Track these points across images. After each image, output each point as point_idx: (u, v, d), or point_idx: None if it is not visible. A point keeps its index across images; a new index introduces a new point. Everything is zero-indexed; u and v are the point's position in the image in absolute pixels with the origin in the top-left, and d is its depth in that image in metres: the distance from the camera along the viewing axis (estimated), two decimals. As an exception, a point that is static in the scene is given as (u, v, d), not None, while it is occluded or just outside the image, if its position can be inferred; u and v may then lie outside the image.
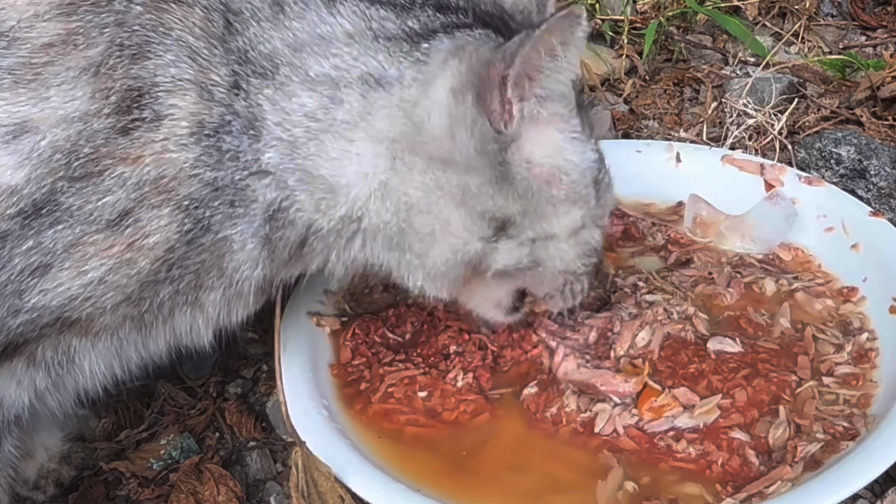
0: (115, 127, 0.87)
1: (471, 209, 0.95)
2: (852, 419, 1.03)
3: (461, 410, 1.08)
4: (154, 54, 0.88)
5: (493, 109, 0.91)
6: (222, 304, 0.99)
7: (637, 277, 1.19)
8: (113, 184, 0.88)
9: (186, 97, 0.89)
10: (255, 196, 0.93)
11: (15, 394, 0.95)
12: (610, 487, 1.00)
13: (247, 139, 0.92)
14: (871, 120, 1.49)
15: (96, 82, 0.86)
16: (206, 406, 1.21)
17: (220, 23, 0.91)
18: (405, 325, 1.19)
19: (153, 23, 0.88)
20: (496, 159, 0.93)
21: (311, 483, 1.02)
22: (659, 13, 1.75)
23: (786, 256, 1.26)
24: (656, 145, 1.41)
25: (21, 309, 0.89)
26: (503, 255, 0.98)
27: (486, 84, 0.91)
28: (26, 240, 0.87)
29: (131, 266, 0.90)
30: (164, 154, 0.88)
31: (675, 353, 1.09)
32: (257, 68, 0.91)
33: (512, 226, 0.96)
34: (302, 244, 0.98)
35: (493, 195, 0.94)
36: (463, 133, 0.92)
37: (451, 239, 0.96)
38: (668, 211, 1.34)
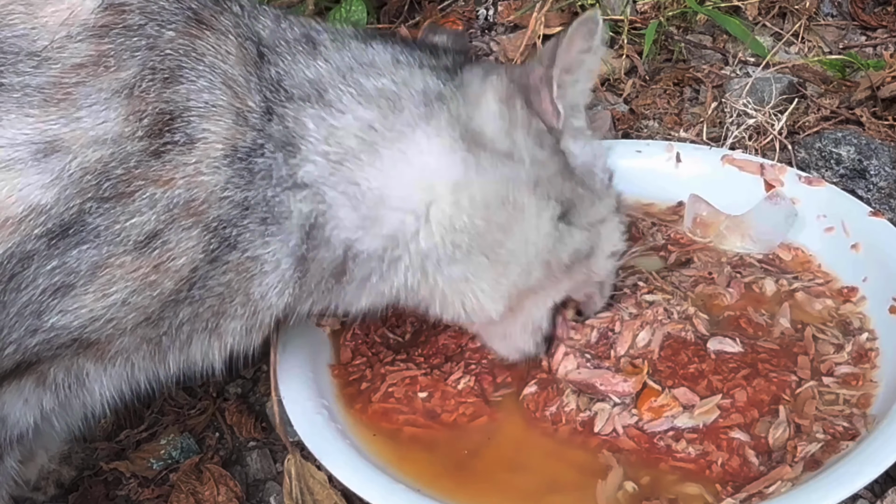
0: (148, 150, 0.87)
1: (543, 194, 1.01)
2: (852, 419, 1.03)
3: (460, 413, 1.08)
4: (186, 79, 0.89)
5: (544, 109, 1.01)
6: (242, 333, 0.99)
7: (637, 277, 1.19)
8: (143, 205, 0.87)
9: (221, 122, 0.89)
10: (288, 212, 0.94)
11: (20, 413, 0.95)
12: (610, 487, 1.00)
13: (281, 156, 0.93)
14: (871, 120, 1.49)
15: (129, 104, 0.86)
16: (206, 406, 1.21)
17: (253, 52, 0.94)
18: (405, 325, 1.19)
19: (185, 48, 0.89)
20: (555, 150, 1.02)
21: (305, 491, 1.02)
22: (659, 13, 1.75)
23: (786, 256, 1.26)
24: (656, 145, 1.41)
25: (39, 328, 0.89)
26: (569, 240, 1.03)
27: (531, 89, 1.00)
28: (51, 259, 0.86)
29: (154, 287, 0.90)
30: (196, 177, 0.89)
31: (675, 353, 1.09)
32: (296, 94, 0.95)
33: (575, 212, 1.03)
34: (340, 272, 0.99)
35: (562, 182, 1.02)
36: (520, 134, 1.00)
37: (526, 224, 1.00)
38: (668, 211, 1.34)
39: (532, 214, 1.00)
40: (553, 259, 1.03)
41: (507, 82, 1.00)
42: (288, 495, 1.03)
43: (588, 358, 1.09)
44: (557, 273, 1.04)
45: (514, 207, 0.99)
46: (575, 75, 1.00)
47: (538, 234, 1.01)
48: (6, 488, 0.99)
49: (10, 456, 0.97)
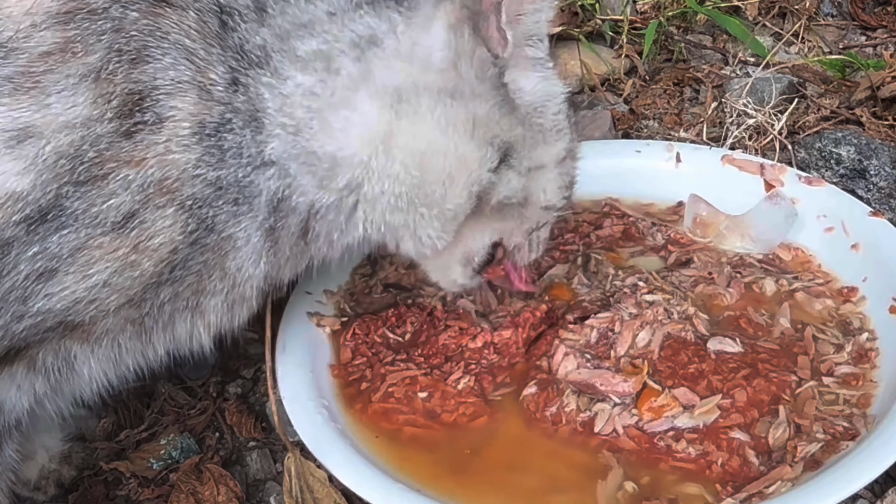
0: (119, 131, 0.87)
1: (481, 137, 0.98)
2: (852, 419, 1.03)
3: (460, 413, 1.08)
4: (153, 58, 0.89)
5: (490, 36, 0.97)
6: (223, 309, 0.99)
7: (637, 277, 1.19)
8: (117, 186, 0.88)
9: (186, 98, 0.90)
10: (258, 190, 0.94)
11: (15, 398, 0.95)
12: (610, 487, 1.00)
13: (249, 133, 0.93)
14: (871, 120, 1.49)
15: (97, 88, 0.87)
16: (206, 406, 1.21)
17: (214, 23, 0.92)
18: (405, 325, 1.19)
19: (150, 27, 0.89)
20: (497, 83, 0.99)
21: (305, 489, 1.02)
22: (659, 13, 1.75)
23: (786, 256, 1.26)
24: (656, 145, 1.41)
25: (25, 314, 0.90)
26: (504, 185, 1.01)
27: (481, 15, 0.97)
28: (32, 245, 0.87)
29: (135, 268, 0.91)
30: (167, 155, 0.89)
31: (675, 353, 1.09)
32: (253, 59, 0.93)
33: (514, 154, 1.01)
34: (304, 232, 0.99)
35: (499, 119, 0.99)
36: (464, 63, 0.97)
37: (465, 173, 0.99)
38: (668, 211, 1.34)
39: (472, 159, 0.98)
40: (483, 198, 1.02)
41: (460, 6, 0.97)
42: (288, 493, 1.03)
43: (588, 358, 1.09)
44: (486, 211, 1.03)
45: (453, 154, 0.98)
46: (534, 3, 0.98)
47: (478, 180, 0.99)
48: (6, 479, 0.99)
49: (8, 444, 0.98)
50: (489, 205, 1.02)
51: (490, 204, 1.02)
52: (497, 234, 1.08)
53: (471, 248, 1.08)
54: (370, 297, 1.24)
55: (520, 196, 1.04)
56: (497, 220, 1.06)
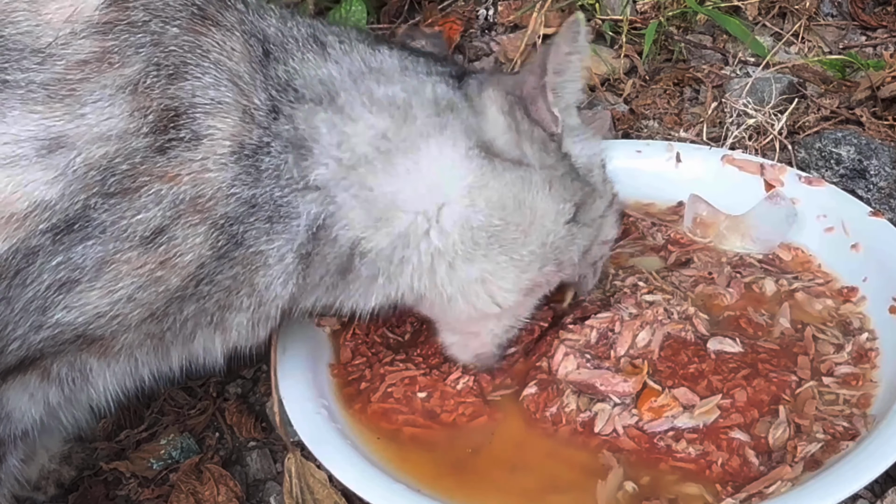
0: (153, 146, 0.87)
1: (557, 196, 1.03)
2: (852, 419, 1.03)
3: (459, 413, 1.08)
4: (192, 76, 0.89)
5: (542, 118, 1.02)
6: (248, 326, 0.99)
7: (637, 277, 1.19)
8: (149, 201, 0.88)
9: (228, 119, 0.90)
10: (297, 212, 0.94)
11: (26, 408, 0.95)
12: (610, 487, 1.00)
13: (291, 157, 0.93)
14: (871, 120, 1.49)
15: (134, 101, 0.86)
16: (206, 406, 1.21)
17: (258, 49, 0.94)
18: (405, 325, 1.19)
19: (190, 44, 0.89)
20: (559, 155, 1.04)
21: (305, 490, 1.02)
22: (659, 13, 1.75)
23: (786, 256, 1.26)
24: (656, 145, 1.41)
25: (44, 325, 0.89)
26: (581, 239, 1.06)
27: (528, 98, 1.01)
28: (56, 255, 0.87)
29: (160, 283, 0.90)
30: (203, 174, 0.89)
31: (675, 353, 1.09)
32: (307, 95, 0.95)
33: (582, 210, 1.05)
34: (345, 270, 1.00)
35: (571, 182, 1.04)
36: (527, 142, 1.02)
37: (542, 224, 1.02)
38: (668, 211, 1.34)
39: (548, 215, 1.02)
40: (565, 258, 1.05)
41: (504, 94, 1.02)
42: (288, 494, 1.03)
43: (588, 358, 1.09)
44: (567, 269, 1.07)
45: (531, 209, 1.02)
46: (564, 77, 1.02)
47: (555, 236, 1.03)
48: (8, 487, 0.99)
49: (13, 455, 0.97)
50: (572, 262, 1.07)
51: (574, 261, 1.07)
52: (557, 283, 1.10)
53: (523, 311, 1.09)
54: (370, 297, 1.24)
55: (589, 244, 1.08)
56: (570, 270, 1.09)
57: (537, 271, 1.04)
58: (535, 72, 1.01)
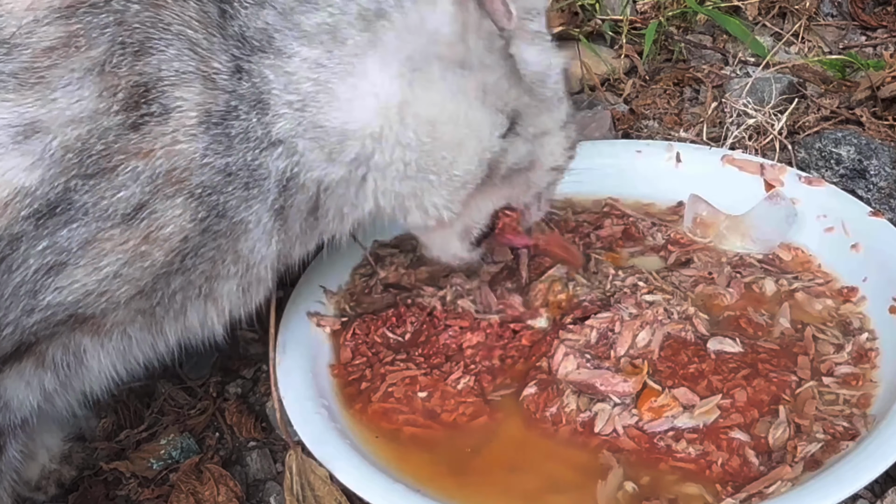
0: (126, 123, 0.88)
1: (492, 105, 1.00)
2: (852, 419, 1.03)
3: (460, 412, 1.08)
4: (156, 49, 0.89)
5: (495, 10, 0.99)
6: (238, 293, 1.00)
7: (637, 277, 1.19)
8: (127, 178, 0.88)
9: (191, 88, 0.90)
10: (267, 172, 0.95)
11: (23, 395, 0.95)
12: (610, 487, 0.99)
13: (255, 116, 0.93)
14: (871, 120, 1.49)
15: (102, 81, 0.87)
16: (206, 406, 1.21)
17: (214, 12, 0.93)
18: (405, 325, 1.19)
19: (152, 19, 0.89)
20: (504, 54, 1.01)
21: (306, 486, 1.02)
22: (659, 13, 1.75)
23: (786, 256, 1.26)
24: (656, 145, 1.41)
25: (36, 308, 0.90)
26: (513, 151, 1.03)
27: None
28: (41, 240, 0.88)
29: (145, 258, 0.91)
30: (174, 146, 0.89)
31: (675, 353, 1.09)
32: (255, 45, 0.94)
33: (520, 121, 1.03)
34: (314, 209, 1.00)
35: (508, 89, 1.01)
36: (472, 36, 0.99)
37: (476, 140, 1.01)
38: (668, 211, 1.34)
39: (482, 128, 1.00)
40: (493, 167, 1.03)
41: None
42: (289, 490, 1.03)
43: (588, 358, 1.09)
44: (496, 180, 1.05)
45: (464, 122, 0.99)
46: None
47: (486, 149, 1.01)
48: (9, 480, 0.99)
49: (12, 445, 0.98)
50: (499, 174, 1.04)
51: (500, 173, 1.04)
52: (504, 200, 1.09)
53: (472, 220, 1.09)
54: (370, 297, 1.24)
55: (527, 161, 1.06)
56: (506, 187, 1.07)
57: (466, 182, 1.02)
58: None
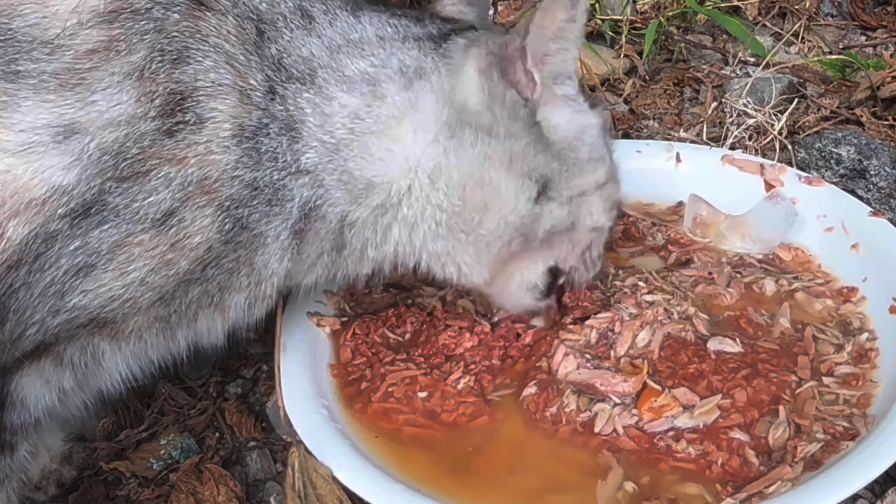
0: (161, 129, 0.89)
1: (518, 171, 1.02)
2: (852, 419, 1.03)
3: (460, 412, 1.08)
4: (194, 59, 0.91)
5: (517, 80, 1.01)
6: (245, 305, 1.02)
7: (637, 277, 1.19)
8: (159, 183, 0.90)
9: (227, 101, 0.92)
10: (291, 195, 0.97)
11: (40, 393, 0.96)
12: (610, 487, 1.00)
13: (286, 140, 0.96)
14: (871, 120, 1.49)
15: (140, 86, 0.89)
16: (206, 406, 1.21)
17: (252, 31, 0.95)
18: (405, 325, 1.19)
19: (190, 30, 0.91)
20: (529, 122, 1.02)
21: (308, 484, 1.02)
22: (659, 13, 1.75)
23: (786, 256, 1.26)
24: (656, 145, 1.41)
25: (61, 309, 0.91)
26: (547, 216, 1.05)
27: (507, 59, 1.01)
28: (74, 239, 0.89)
29: (170, 266, 0.93)
30: (207, 156, 0.91)
31: (675, 353, 1.09)
32: (294, 73, 0.96)
33: (552, 186, 1.04)
34: (340, 246, 1.03)
35: (535, 155, 1.03)
36: (497, 106, 1.01)
37: (503, 204, 1.03)
38: (668, 211, 1.34)
39: (508, 194, 1.02)
40: (530, 233, 1.05)
41: (486, 53, 1.02)
42: (290, 487, 1.02)
43: (588, 358, 1.09)
44: (535, 245, 1.06)
45: (490, 188, 1.02)
46: (558, 44, 1.00)
47: (514, 213, 1.03)
48: (17, 480, 1.00)
49: (24, 445, 0.98)
50: (538, 237, 1.05)
51: (538, 237, 1.05)
52: (551, 260, 1.10)
53: (528, 278, 1.10)
54: (370, 297, 1.24)
55: (567, 223, 1.06)
56: (547, 248, 1.08)
57: (501, 247, 1.05)
58: (520, 33, 1.00)
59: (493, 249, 1.05)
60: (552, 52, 1.01)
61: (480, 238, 1.04)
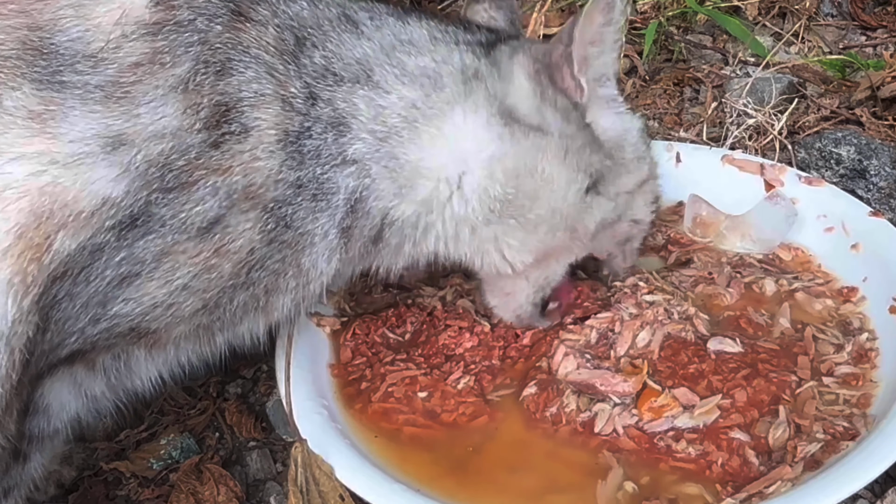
0: (207, 141, 0.89)
1: (572, 164, 1.05)
2: (852, 419, 1.03)
3: (460, 412, 1.08)
4: (236, 71, 0.91)
5: (566, 86, 1.04)
6: (292, 306, 1.02)
7: (637, 277, 1.19)
8: (206, 193, 0.90)
9: (270, 110, 0.92)
10: (336, 187, 0.97)
11: (66, 400, 0.97)
12: (610, 487, 1.00)
13: (330, 136, 0.96)
14: (871, 120, 1.49)
15: (185, 99, 0.89)
16: (206, 406, 1.21)
17: (291, 40, 0.96)
18: (405, 325, 1.19)
19: (232, 41, 0.92)
20: (581, 124, 1.06)
21: (310, 480, 1.02)
22: (659, 13, 1.75)
23: (786, 256, 1.26)
24: (656, 145, 1.40)
25: (102, 318, 0.91)
26: (597, 210, 1.07)
27: (553, 66, 1.03)
28: (120, 251, 0.89)
29: (213, 270, 0.93)
30: (252, 163, 0.92)
31: (675, 353, 1.09)
32: (345, 76, 0.98)
33: (603, 183, 1.07)
34: (377, 238, 1.03)
35: (590, 154, 1.06)
36: (548, 110, 1.04)
37: (554, 193, 1.05)
38: (668, 211, 1.34)
39: (560, 184, 1.04)
40: (580, 226, 1.07)
41: (532, 60, 1.04)
42: (293, 482, 1.02)
43: (588, 358, 1.09)
44: (583, 238, 1.09)
45: (544, 178, 1.04)
46: (598, 48, 1.03)
47: (565, 203, 1.05)
48: (24, 490, 0.99)
49: (36, 458, 0.98)
50: (589, 233, 1.08)
51: (590, 232, 1.08)
52: (585, 252, 1.12)
53: (548, 277, 1.12)
54: (370, 297, 1.24)
55: (613, 217, 1.10)
56: (592, 241, 1.11)
57: (546, 235, 1.06)
58: (563, 40, 1.02)
59: (539, 233, 1.06)
60: (593, 55, 1.03)
61: (529, 222, 1.05)
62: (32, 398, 0.93)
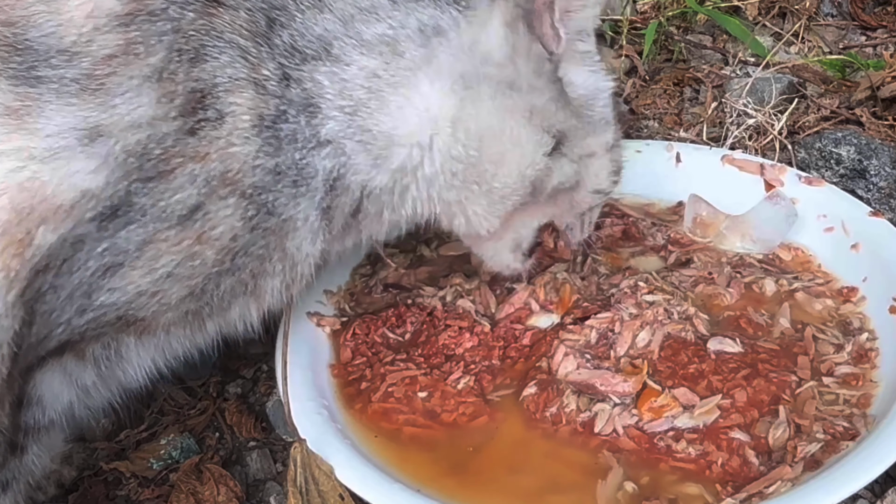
0: (183, 128, 0.89)
1: (537, 125, 1.03)
2: (852, 419, 1.03)
3: (460, 412, 1.08)
4: (210, 56, 0.91)
5: (544, 33, 1.02)
6: (282, 288, 1.02)
7: (637, 277, 1.19)
8: (184, 181, 0.90)
9: (244, 94, 0.92)
10: (314, 171, 0.97)
11: (58, 391, 0.97)
12: (610, 487, 1.00)
13: (303, 118, 0.96)
14: (871, 120, 1.49)
15: (160, 88, 0.88)
16: (206, 406, 1.21)
17: (262, 22, 0.95)
18: (405, 325, 1.19)
19: (206, 27, 0.91)
20: (552, 77, 1.04)
21: (310, 480, 1.02)
22: (659, 13, 1.75)
23: (786, 256, 1.26)
24: (656, 145, 1.41)
25: (88, 308, 0.91)
26: (557, 172, 1.06)
27: (534, 13, 1.01)
28: (102, 241, 0.89)
29: (196, 258, 0.93)
30: (228, 149, 0.91)
31: (675, 353, 1.09)
32: (309, 54, 0.96)
33: (566, 143, 1.05)
34: (356, 211, 1.02)
35: (556, 111, 1.04)
36: (521, 59, 1.02)
37: (520, 156, 1.03)
38: (668, 211, 1.34)
39: (525, 147, 1.03)
40: (539, 187, 1.06)
41: (513, 5, 1.02)
42: (292, 482, 1.02)
43: (588, 358, 1.09)
44: (541, 199, 1.08)
45: (509, 140, 1.02)
46: (573, 14, 1.02)
47: (531, 167, 1.04)
48: (24, 484, 0.99)
49: (33, 449, 0.98)
50: (545, 192, 1.06)
51: (546, 191, 1.06)
52: (548, 218, 1.12)
53: (520, 234, 1.12)
54: (370, 297, 1.24)
55: (572, 181, 1.08)
56: (550, 206, 1.10)
57: (513, 199, 1.05)
58: None
59: (505, 201, 1.05)
60: (576, 7, 1.02)
61: (494, 190, 1.04)
62: (25, 390, 0.94)
